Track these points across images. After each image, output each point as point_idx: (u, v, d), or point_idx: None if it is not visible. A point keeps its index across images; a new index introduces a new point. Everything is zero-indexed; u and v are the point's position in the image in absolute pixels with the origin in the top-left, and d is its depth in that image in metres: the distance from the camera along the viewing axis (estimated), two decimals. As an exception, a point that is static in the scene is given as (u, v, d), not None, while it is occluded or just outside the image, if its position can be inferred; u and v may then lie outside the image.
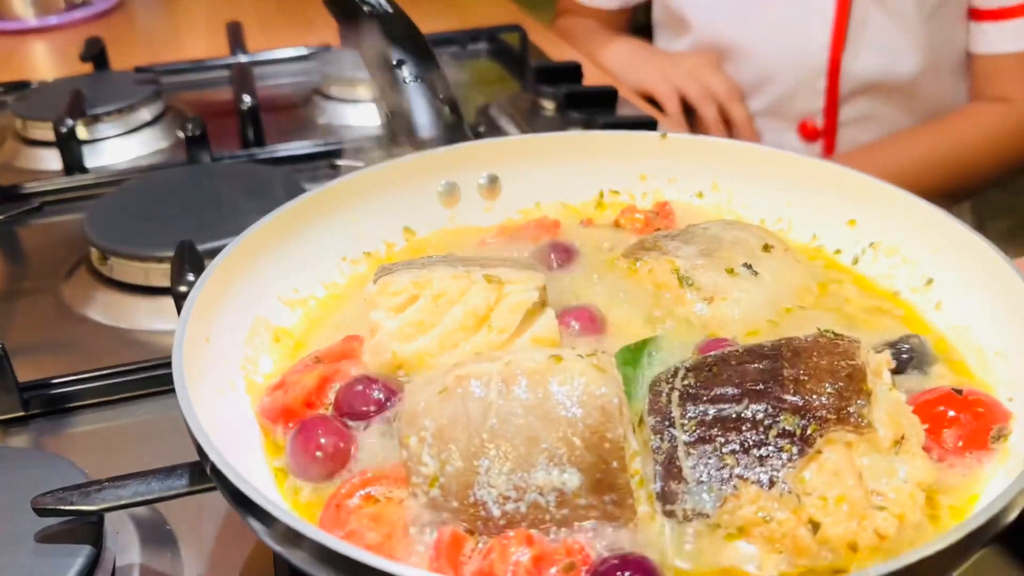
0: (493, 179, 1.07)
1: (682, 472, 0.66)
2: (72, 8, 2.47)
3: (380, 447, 0.72)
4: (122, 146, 1.69)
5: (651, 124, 1.47)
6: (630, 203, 1.08)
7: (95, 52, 1.99)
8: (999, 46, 1.92)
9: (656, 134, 1.07)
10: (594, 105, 1.53)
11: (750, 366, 0.71)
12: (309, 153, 1.58)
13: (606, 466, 0.64)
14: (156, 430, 1.01)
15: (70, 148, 1.59)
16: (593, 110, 1.51)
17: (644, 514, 0.65)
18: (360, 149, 1.49)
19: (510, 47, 2.01)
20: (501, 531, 0.64)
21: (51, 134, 1.60)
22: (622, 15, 2.34)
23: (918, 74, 1.96)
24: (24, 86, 1.97)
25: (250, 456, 0.73)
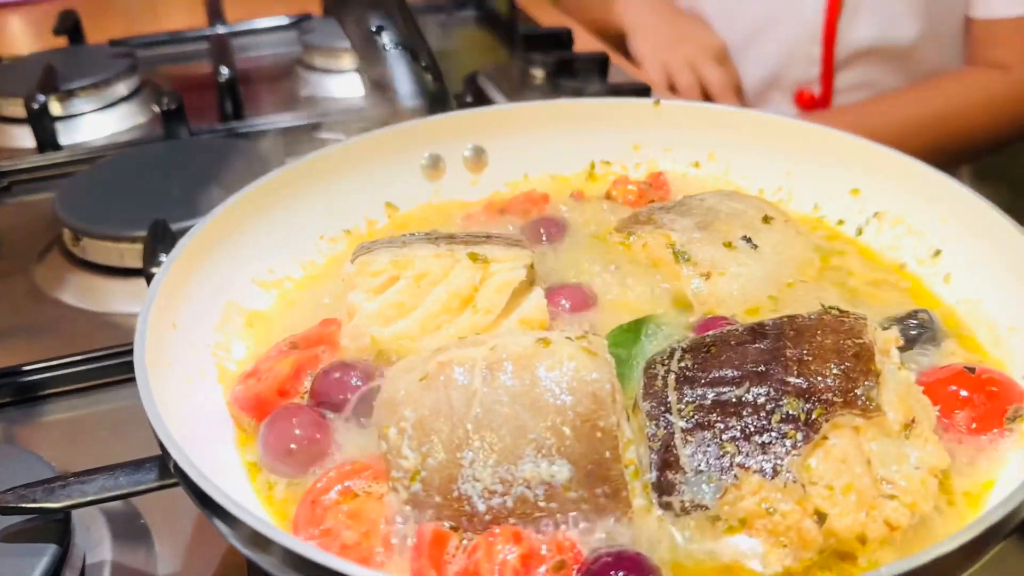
0: (479, 151, 1.02)
1: (679, 461, 0.62)
2: (46, -20, 2.39)
3: (359, 438, 0.68)
4: (97, 122, 1.63)
5: (644, 91, 1.42)
6: (623, 174, 1.04)
7: (69, 25, 1.92)
8: (998, 10, 1.87)
9: (649, 101, 1.02)
10: (585, 72, 1.47)
11: (751, 346, 0.67)
12: (291, 126, 1.52)
13: (598, 456, 0.60)
14: (132, 418, 0.95)
15: (42, 125, 1.53)
16: (584, 77, 1.46)
17: (639, 507, 0.61)
18: (344, 122, 1.44)
19: (498, 13, 1.95)
20: (487, 527, 0.60)
21: (23, 110, 1.54)
22: None
23: (916, 40, 1.91)
24: (-5, 61, 1.90)
25: (221, 449, 0.69)
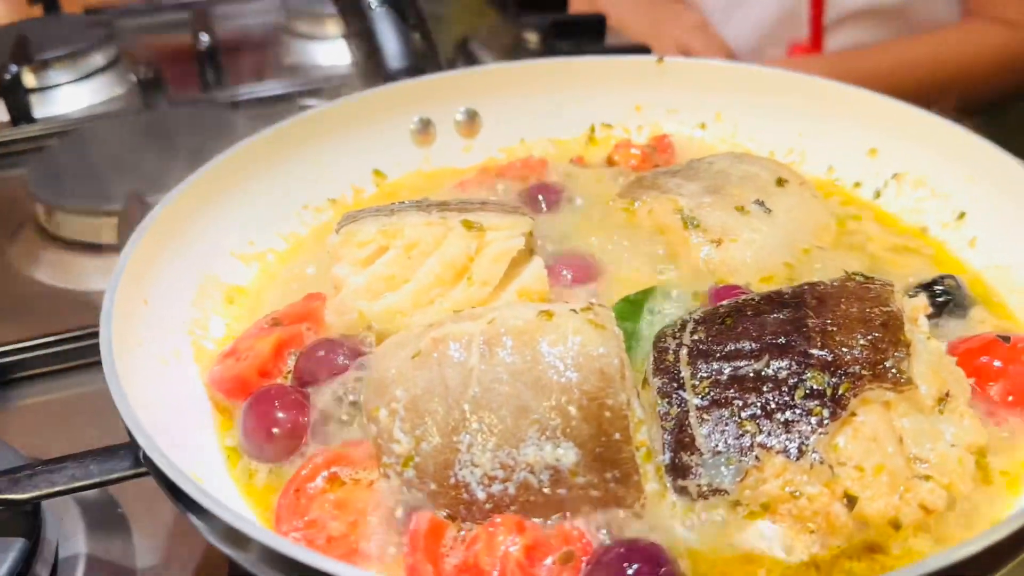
0: (472, 114, 0.96)
1: (695, 442, 0.57)
2: (20, -52, 2.30)
3: (346, 420, 0.63)
4: (73, 94, 1.57)
5: (644, 51, 1.35)
6: (625, 137, 0.98)
7: (43, -7, 1.85)
8: None
9: (652, 58, 0.97)
10: (581, 35, 1.41)
11: (769, 316, 0.61)
12: (275, 95, 1.46)
13: (607, 438, 0.55)
14: (109, 402, 0.91)
15: (16, 97, 1.47)
16: (580, 40, 1.39)
17: (652, 492, 0.56)
18: (330, 88, 1.38)
19: (489, -24, 1.88)
20: (487, 516, 0.55)
21: (-5, 83, 1.47)
22: None
23: (908, 1, 1.85)
24: (-35, 31, 1.83)
25: (198, 435, 0.64)
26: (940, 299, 0.71)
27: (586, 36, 1.42)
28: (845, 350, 0.58)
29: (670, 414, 0.58)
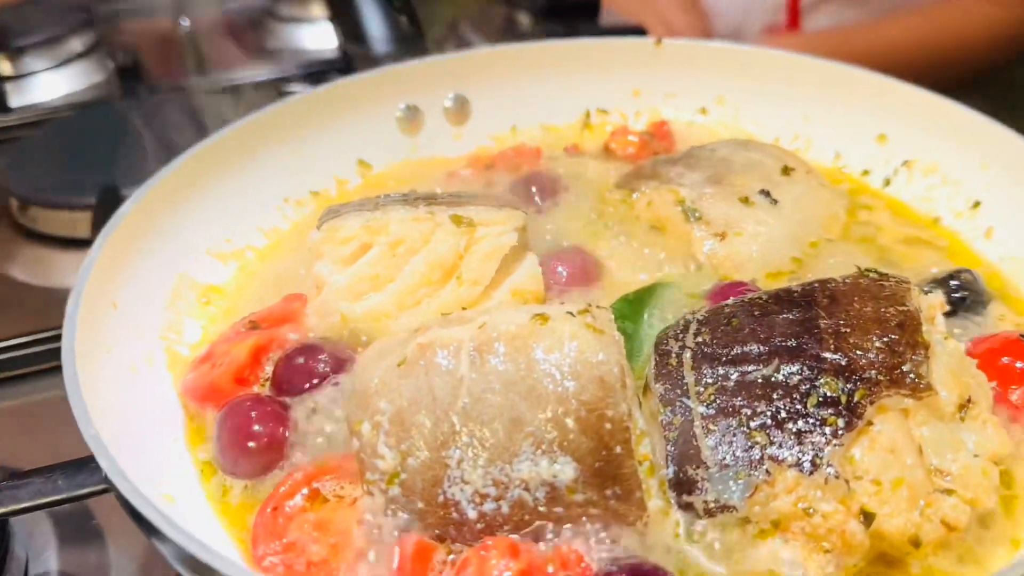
0: (461, 101, 0.92)
1: (701, 454, 0.53)
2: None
3: (328, 432, 0.59)
4: (50, 82, 1.52)
5: (641, 33, 1.31)
6: (622, 124, 0.94)
7: (19, -23, 1.79)
8: None
9: (649, 40, 0.93)
10: (575, 16, 1.36)
11: (778, 316, 0.58)
12: (258, 81, 1.41)
13: (607, 452, 0.52)
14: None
15: (-10, 85, 1.42)
16: (574, 21, 1.35)
17: (656, 509, 0.53)
18: (315, 74, 1.33)
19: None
20: (479, 538, 0.51)
21: (-33, 70, 1.43)
22: None
23: None
24: (-61, 17, 1.77)
25: (171, 448, 0.60)
26: (956, 295, 0.68)
27: (580, 17, 1.37)
28: (860, 353, 0.54)
29: (674, 423, 0.55)
